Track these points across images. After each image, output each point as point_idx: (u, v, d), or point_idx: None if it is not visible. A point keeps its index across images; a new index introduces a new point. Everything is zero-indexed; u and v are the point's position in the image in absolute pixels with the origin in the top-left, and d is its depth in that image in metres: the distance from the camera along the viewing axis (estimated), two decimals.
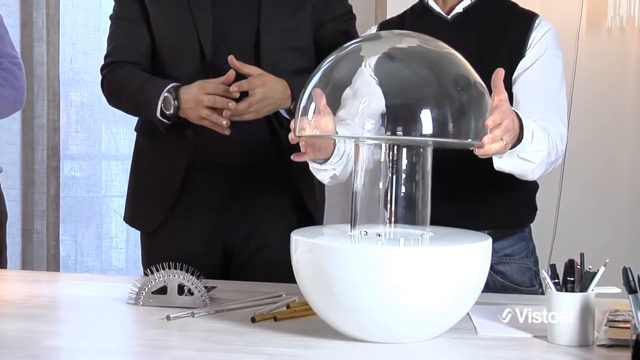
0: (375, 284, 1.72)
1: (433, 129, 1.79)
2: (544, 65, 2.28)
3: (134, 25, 2.57)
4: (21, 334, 1.87)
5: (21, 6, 3.72)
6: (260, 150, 2.55)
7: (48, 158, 3.77)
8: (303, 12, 2.56)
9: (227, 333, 1.86)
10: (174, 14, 2.53)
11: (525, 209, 2.44)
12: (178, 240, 2.56)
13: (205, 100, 2.37)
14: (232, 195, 2.56)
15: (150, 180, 2.60)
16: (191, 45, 2.51)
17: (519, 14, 2.36)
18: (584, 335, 1.74)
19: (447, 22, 2.34)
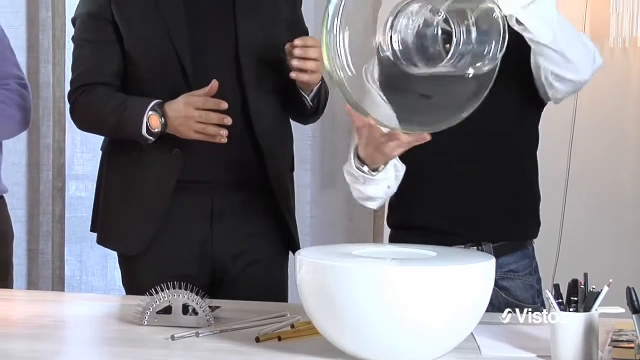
0: (379, 303, 1.72)
1: None
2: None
3: (104, 46, 2.53)
4: (27, 353, 1.88)
5: (27, 28, 3.73)
6: (243, 168, 2.55)
7: (53, 178, 3.77)
8: (279, 24, 2.57)
9: (231, 353, 1.86)
10: (149, 33, 2.50)
11: (528, 220, 2.43)
12: (165, 261, 2.51)
13: (196, 116, 2.36)
14: (218, 214, 2.55)
15: (132, 202, 2.54)
16: (170, 62, 2.49)
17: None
18: (588, 355, 1.73)
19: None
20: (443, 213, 2.33)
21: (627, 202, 3.52)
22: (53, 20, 3.72)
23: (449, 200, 2.32)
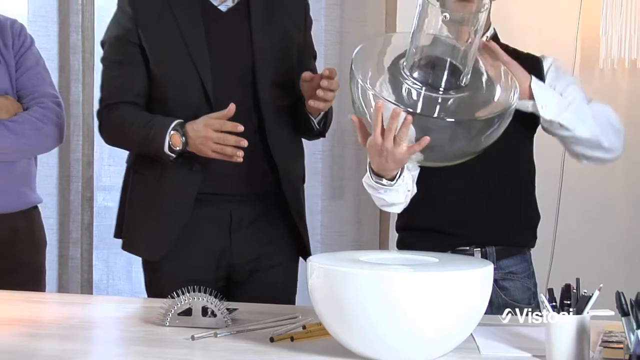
0: (384, 306, 1.72)
1: None
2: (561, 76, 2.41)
3: (131, 67, 2.53)
4: (57, 352, 1.88)
5: (60, 51, 3.75)
6: (259, 182, 2.55)
7: (83, 189, 3.78)
8: (291, 49, 2.59)
9: (247, 352, 1.86)
10: (173, 56, 2.51)
11: (527, 232, 2.46)
12: (185, 267, 2.52)
13: (214, 138, 2.36)
14: (237, 225, 2.56)
15: (156, 211, 2.55)
16: (193, 84, 2.49)
17: (523, 55, 2.42)
18: (580, 355, 1.73)
19: None
20: (450, 216, 2.36)
21: (616, 213, 3.51)
22: (83, 43, 3.73)
23: (456, 204, 2.34)
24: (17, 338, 1.97)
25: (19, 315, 2.17)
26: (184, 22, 2.51)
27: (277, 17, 2.58)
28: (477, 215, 2.36)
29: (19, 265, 2.69)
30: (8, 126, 2.60)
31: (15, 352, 1.88)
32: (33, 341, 1.96)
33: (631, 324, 1.66)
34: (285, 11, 2.61)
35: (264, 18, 2.56)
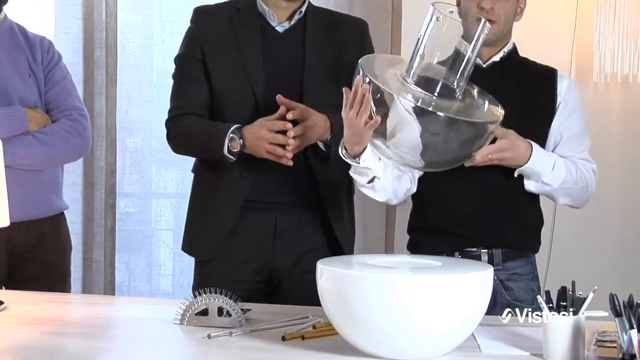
0: (390, 307, 1.72)
1: None
2: (573, 117, 2.40)
3: (197, 82, 2.57)
4: (81, 350, 1.88)
5: (84, 66, 3.76)
6: (303, 192, 2.56)
7: (106, 196, 3.79)
8: (340, 77, 2.57)
9: (260, 350, 1.86)
10: (231, 72, 2.54)
11: (531, 237, 2.46)
12: (231, 268, 2.54)
13: (268, 138, 2.40)
14: (280, 231, 2.56)
15: (208, 215, 2.58)
16: (247, 98, 2.52)
17: (540, 69, 2.44)
18: (576, 354, 1.72)
19: (483, 69, 2.38)
20: (458, 219, 2.37)
21: (610, 219, 3.49)
22: (106, 58, 3.74)
23: (464, 208, 2.36)
24: (44, 336, 1.97)
25: (46, 315, 2.18)
26: (244, 41, 2.55)
27: (332, 39, 2.60)
28: (484, 218, 2.36)
29: (46, 268, 2.70)
30: (38, 137, 2.61)
31: (42, 349, 1.88)
32: (59, 339, 1.96)
33: (624, 324, 1.65)
34: (342, 34, 2.62)
35: (318, 40, 2.57)
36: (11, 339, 1.96)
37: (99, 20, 3.72)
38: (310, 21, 2.59)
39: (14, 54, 2.67)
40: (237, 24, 2.57)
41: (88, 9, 3.73)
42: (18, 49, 2.68)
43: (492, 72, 2.38)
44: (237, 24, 2.57)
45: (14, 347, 1.90)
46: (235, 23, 2.57)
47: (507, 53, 2.41)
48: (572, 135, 2.39)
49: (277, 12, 2.57)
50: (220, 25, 2.58)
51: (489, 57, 2.39)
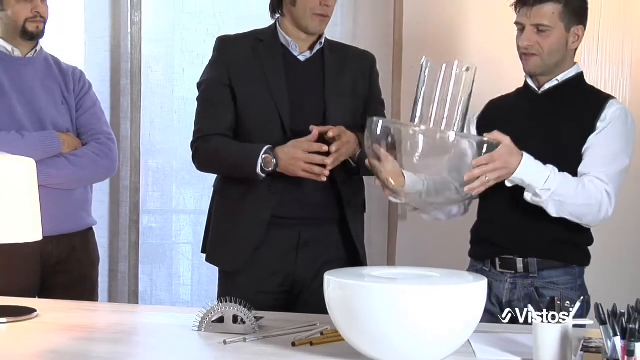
0: (391, 315, 1.71)
1: None
2: (606, 134, 2.27)
3: (223, 105, 2.56)
4: (107, 354, 1.87)
5: (111, 93, 3.76)
6: (326, 209, 2.57)
7: (130, 212, 3.78)
8: (358, 98, 2.60)
9: (272, 355, 1.85)
10: (258, 98, 2.54)
11: (571, 249, 2.38)
12: (256, 280, 2.53)
13: (304, 158, 2.40)
14: (303, 245, 2.56)
15: (235, 229, 2.57)
16: (273, 121, 2.52)
17: (596, 95, 2.36)
18: (563, 359, 1.71)
19: (538, 95, 2.35)
20: (500, 230, 2.36)
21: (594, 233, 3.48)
22: (131, 87, 3.75)
23: (506, 220, 2.34)
24: (73, 341, 1.97)
25: (75, 322, 2.17)
26: (268, 69, 2.55)
27: (347, 69, 2.61)
28: (520, 231, 2.32)
29: (76, 279, 2.70)
30: (70, 159, 2.62)
31: (71, 354, 1.88)
32: (87, 344, 1.96)
33: (608, 332, 1.65)
34: (354, 64, 2.64)
35: (336, 69, 2.59)
36: (43, 344, 1.96)
37: (125, 52, 3.73)
38: (328, 52, 2.61)
39: (48, 83, 2.68)
40: (260, 52, 2.58)
41: (115, 41, 3.75)
42: (52, 79, 2.70)
43: (544, 98, 2.35)
44: (260, 53, 2.58)
45: (45, 352, 1.90)
46: (259, 52, 2.58)
47: (563, 81, 2.35)
48: (595, 152, 2.26)
49: (298, 42, 2.58)
50: (244, 53, 2.58)
51: (543, 83, 2.35)
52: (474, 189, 2.08)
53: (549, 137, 2.29)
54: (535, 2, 2.25)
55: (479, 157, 2.08)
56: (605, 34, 3.36)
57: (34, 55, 2.68)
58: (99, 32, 3.75)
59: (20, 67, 2.65)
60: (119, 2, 3.73)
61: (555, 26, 2.26)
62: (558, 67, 2.34)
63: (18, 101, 2.61)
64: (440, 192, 2.17)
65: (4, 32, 2.63)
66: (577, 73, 2.37)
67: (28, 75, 2.65)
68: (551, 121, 2.28)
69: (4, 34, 2.63)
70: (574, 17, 2.29)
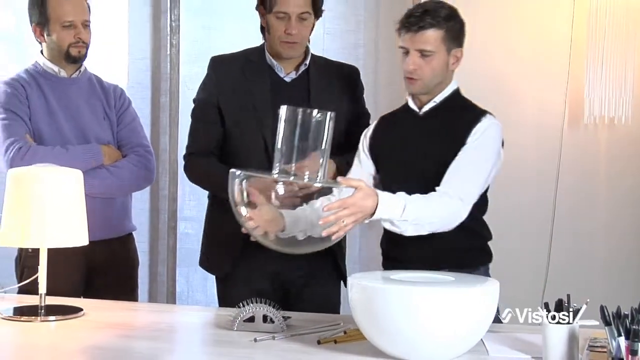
0: (410, 316, 1.71)
1: None
2: (468, 146, 2.16)
3: (210, 125, 2.54)
4: (147, 351, 1.88)
5: (152, 110, 3.79)
6: None
7: (168, 219, 3.80)
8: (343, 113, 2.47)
9: (299, 352, 1.85)
10: (244, 118, 2.50)
11: (474, 254, 2.28)
12: (248, 280, 2.50)
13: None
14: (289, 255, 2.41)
15: (222, 233, 2.52)
16: (257, 140, 2.47)
17: (471, 111, 2.24)
18: (571, 357, 1.70)
19: (419, 116, 2.26)
20: (402, 248, 2.21)
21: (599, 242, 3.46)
22: (170, 104, 3.78)
23: (412, 239, 2.15)
24: (116, 338, 1.98)
25: (118, 321, 2.18)
26: (255, 88, 2.51)
27: (332, 86, 2.55)
28: (424, 244, 2.15)
29: (117, 281, 2.70)
30: (111, 170, 2.64)
31: (114, 349, 1.89)
32: (128, 341, 1.96)
33: (613, 332, 1.63)
34: (340, 80, 2.59)
35: (321, 87, 2.54)
36: (88, 340, 1.97)
37: (164, 72, 3.76)
38: (313, 71, 2.55)
39: (91, 101, 2.71)
40: (248, 72, 2.53)
41: (155, 62, 3.78)
42: (95, 97, 2.72)
43: (426, 119, 2.25)
44: (248, 73, 2.53)
45: (91, 348, 1.91)
46: (247, 72, 2.53)
47: (442, 101, 2.24)
48: (456, 163, 2.15)
49: (282, 64, 2.53)
50: (233, 73, 2.54)
51: (424, 104, 2.25)
52: (332, 232, 1.95)
53: (431, 156, 2.19)
54: (419, 28, 2.15)
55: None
56: (609, 54, 3.35)
57: (79, 76, 2.70)
58: (141, 54, 3.79)
59: (66, 86, 2.67)
60: (159, 27, 3.76)
61: (437, 50, 2.17)
62: (438, 87, 2.23)
63: (64, 118, 2.64)
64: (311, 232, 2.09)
65: (50, 55, 2.66)
66: (453, 91, 2.27)
67: (73, 93, 2.68)
68: (432, 141, 2.20)
69: (50, 56, 2.66)
70: (454, 41, 2.20)
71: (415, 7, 2.21)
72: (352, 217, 1.96)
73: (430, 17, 2.14)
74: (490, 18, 3.45)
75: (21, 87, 2.61)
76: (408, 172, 2.21)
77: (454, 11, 2.22)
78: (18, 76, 2.67)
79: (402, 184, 2.14)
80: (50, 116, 2.63)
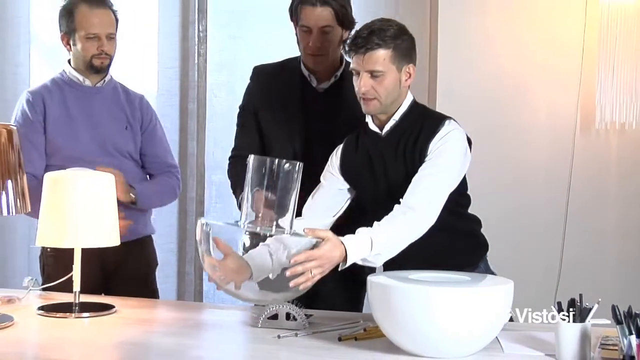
0: (428, 314, 1.71)
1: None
2: (430, 156, 2.08)
3: (251, 131, 2.56)
4: (174, 346, 1.89)
5: (180, 116, 3.80)
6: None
7: (196, 221, 3.81)
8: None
9: (321, 348, 1.85)
10: (275, 127, 2.51)
11: (470, 253, 2.22)
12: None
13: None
14: None
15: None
16: (286, 150, 2.45)
17: (431, 120, 2.15)
18: (583, 355, 1.69)
19: (382, 137, 2.17)
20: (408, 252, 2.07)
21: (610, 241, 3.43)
22: (197, 110, 3.79)
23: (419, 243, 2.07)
24: (145, 334, 1.99)
25: (148, 317, 2.20)
26: (289, 100, 2.50)
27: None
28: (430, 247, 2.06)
29: (135, 281, 2.68)
30: None
31: (144, 344, 1.90)
32: (158, 337, 1.98)
33: (624, 331, 1.63)
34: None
35: (353, 98, 2.34)
36: (120, 336, 1.98)
37: (192, 80, 3.78)
38: (346, 80, 2.41)
39: (114, 110, 2.69)
40: (284, 82, 2.53)
41: (184, 70, 3.80)
42: (118, 106, 2.70)
43: (388, 138, 2.16)
44: (284, 82, 2.53)
45: (122, 343, 1.93)
46: (283, 82, 2.53)
47: (401, 117, 2.15)
48: (416, 178, 2.06)
49: (316, 75, 2.51)
50: (270, 83, 2.55)
51: (384, 125, 2.16)
52: (299, 283, 1.89)
53: (398, 173, 2.13)
54: (367, 50, 2.04)
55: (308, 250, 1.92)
56: (620, 62, 3.32)
57: (103, 85, 2.69)
58: (170, 62, 3.81)
59: (89, 95, 2.67)
60: (187, 37, 3.78)
61: (387, 70, 2.06)
62: (394, 105, 2.13)
63: (84, 127, 2.62)
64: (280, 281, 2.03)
65: (75, 64, 2.66)
66: (410, 105, 2.17)
67: (96, 102, 2.67)
68: (397, 159, 2.13)
69: (76, 65, 2.66)
70: (403, 58, 2.09)
71: (362, 28, 2.09)
72: (319, 269, 1.89)
73: (377, 37, 2.05)
74: (506, 26, 3.44)
75: (40, 100, 2.61)
76: (377, 189, 2.16)
77: (402, 28, 2.11)
78: (42, 86, 2.67)
79: (373, 199, 2.16)
80: (69, 126, 2.61)
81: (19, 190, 2.03)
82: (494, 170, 3.35)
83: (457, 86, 3.41)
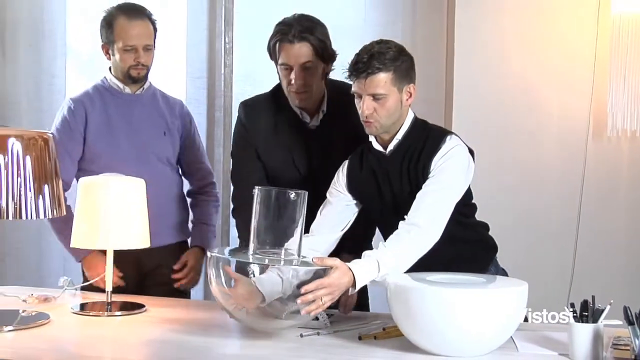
0: (444, 314, 1.71)
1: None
2: (433, 173, 2.06)
3: (254, 175, 2.41)
4: (201, 344, 1.90)
5: (207, 124, 3.81)
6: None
7: (222, 224, 3.82)
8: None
9: (341, 347, 1.85)
10: (278, 158, 2.40)
11: (480, 259, 2.19)
12: None
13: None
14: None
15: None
16: (290, 173, 2.39)
17: (432, 136, 2.11)
18: (595, 355, 1.68)
19: (386, 156, 2.14)
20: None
21: (622, 243, 3.40)
22: (224, 118, 3.80)
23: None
24: (174, 333, 2.00)
25: (177, 316, 2.20)
26: (288, 142, 2.39)
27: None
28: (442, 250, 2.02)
29: (168, 283, 2.69)
30: None
31: (173, 342, 1.92)
32: (186, 335, 1.98)
33: (636, 332, 1.61)
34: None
35: (343, 133, 2.33)
36: (150, 334, 1.99)
37: (219, 90, 3.79)
38: (334, 117, 2.36)
39: (153, 117, 2.69)
40: (279, 121, 2.40)
41: (211, 80, 3.82)
42: (157, 112, 2.71)
43: (392, 157, 2.12)
44: (278, 122, 2.40)
45: (152, 341, 1.94)
46: (278, 121, 2.40)
47: (404, 135, 2.11)
48: (420, 194, 2.04)
49: (305, 111, 2.38)
50: (266, 121, 2.40)
51: (387, 144, 2.13)
52: (310, 311, 1.86)
53: (403, 190, 2.09)
54: (368, 74, 2.00)
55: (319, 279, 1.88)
56: (631, 70, 3.29)
57: (142, 92, 2.70)
58: (198, 73, 3.83)
59: (130, 102, 2.67)
60: (214, 48, 3.80)
61: (389, 92, 2.03)
62: (396, 125, 2.10)
63: (125, 135, 2.63)
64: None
65: (115, 73, 2.66)
66: (411, 123, 2.13)
67: (136, 110, 2.67)
68: (402, 177, 2.10)
69: (115, 73, 2.67)
70: (404, 79, 2.06)
71: (361, 52, 2.04)
72: (330, 296, 1.87)
73: (377, 61, 2.01)
74: (520, 35, 3.42)
75: (81, 108, 2.61)
76: (383, 205, 2.14)
77: (401, 49, 2.07)
78: (84, 93, 2.67)
79: (380, 214, 2.15)
80: (110, 134, 2.61)
81: (55, 195, 2.05)
82: (508, 173, 3.34)
83: (474, 90, 3.40)
